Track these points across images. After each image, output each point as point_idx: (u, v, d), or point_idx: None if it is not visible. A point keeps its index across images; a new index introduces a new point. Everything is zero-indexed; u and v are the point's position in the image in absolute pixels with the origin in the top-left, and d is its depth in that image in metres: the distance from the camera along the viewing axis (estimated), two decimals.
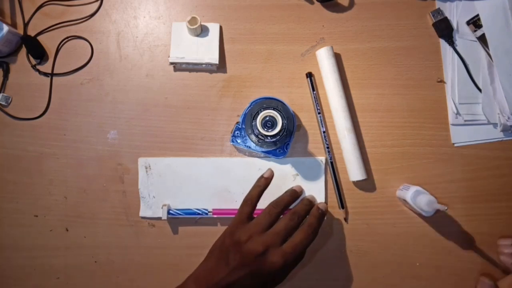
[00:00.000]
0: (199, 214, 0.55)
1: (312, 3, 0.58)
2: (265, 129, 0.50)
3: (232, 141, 0.55)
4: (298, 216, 0.48)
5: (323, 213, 0.50)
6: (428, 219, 0.56)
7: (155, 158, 0.56)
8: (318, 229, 0.48)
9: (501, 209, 0.56)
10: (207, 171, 0.56)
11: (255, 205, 0.50)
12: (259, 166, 0.56)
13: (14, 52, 0.58)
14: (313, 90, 0.56)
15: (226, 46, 0.58)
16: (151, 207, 0.55)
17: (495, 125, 0.57)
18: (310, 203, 0.51)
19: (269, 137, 0.50)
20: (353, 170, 0.54)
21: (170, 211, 0.54)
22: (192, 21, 0.54)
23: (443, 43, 0.58)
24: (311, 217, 0.49)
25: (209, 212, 0.55)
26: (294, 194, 0.51)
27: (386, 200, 0.56)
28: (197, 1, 0.59)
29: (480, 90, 0.57)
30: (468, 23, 0.58)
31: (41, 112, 0.57)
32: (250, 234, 0.46)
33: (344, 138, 0.55)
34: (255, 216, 0.49)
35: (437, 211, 0.52)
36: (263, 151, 0.55)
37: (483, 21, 0.57)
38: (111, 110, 0.57)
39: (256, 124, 0.50)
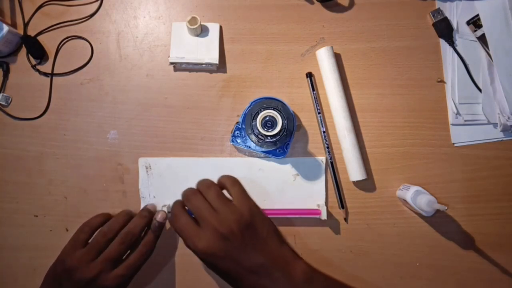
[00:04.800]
0: None
1: (312, 3, 0.58)
2: (265, 129, 0.50)
3: (232, 141, 0.55)
4: (132, 236, 0.49)
5: (160, 225, 0.51)
6: (428, 219, 0.56)
7: (155, 158, 0.56)
8: (155, 243, 0.50)
9: (501, 209, 0.56)
10: (207, 171, 0.56)
11: (92, 234, 0.50)
12: (259, 166, 0.56)
13: (14, 52, 0.58)
14: (313, 90, 0.56)
15: (226, 46, 0.58)
16: None
17: (495, 125, 0.57)
18: (149, 214, 0.52)
19: (269, 137, 0.50)
20: (353, 170, 0.54)
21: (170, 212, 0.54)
22: (192, 21, 0.54)
23: (443, 43, 0.58)
24: (149, 234, 0.50)
25: None
26: (128, 215, 0.51)
27: (386, 200, 0.56)
28: (197, 1, 0.59)
29: (480, 90, 0.57)
30: (468, 23, 0.58)
31: (41, 112, 0.57)
32: (82, 260, 0.46)
33: (344, 138, 0.55)
34: None
35: (437, 211, 0.53)
36: (263, 151, 0.55)
37: (483, 21, 0.57)
38: (111, 110, 0.57)
39: (256, 124, 0.50)
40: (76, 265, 0.46)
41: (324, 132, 0.56)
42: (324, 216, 0.53)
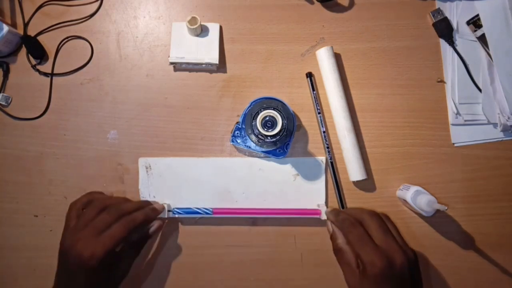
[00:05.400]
0: (201, 213, 0.54)
1: (312, 3, 0.58)
2: (265, 129, 0.50)
3: (232, 141, 0.55)
4: (117, 210, 0.47)
5: (155, 210, 0.50)
6: (428, 219, 0.56)
7: (155, 158, 0.56)
8: (142, 224, 0.48)
9: (501, 209, 0.56)
10: (207, 171, 0.56)
11: (80, 210, 0.49)
12: (259, 166, 0.56)
13: (14, 52, 0.58)
14: (313, 90, 0.56)
15: (226, 46, 0.58)
16: None
17: (495, 125, 0.57)
18: (148, 204, 0.52)
19: (269, 137, 0.50)
20: (353, 170, 0.54)
21: (175, 210, 0.54)
22: (192, 21, 0.54)
23: (443, 43, 0.58)
24: (138, 212, 0.48)
25: (210, 210, 0.55)
26: (123, 199, 0.51)
27: (386, 200, 0.56)
28: (197, 1, 0.59)
29: (480, 90, 0.57)
30: (468, 23, 0.58)
31: (41, 112, 0.57)
32: (73, 234, 0.46)
33: (344, 138, 0.55)
34: None
35: (437, 211, 0.53)
36: (263, 151, 0.55)
37: (483, 21, 0.57)
38: (111, 110, 0.57)
39: (256, 124, 0.50)
40: (71, 242, 0.45)
41: (324, 132, 0.56)
42: (324, 216, 0.53)
